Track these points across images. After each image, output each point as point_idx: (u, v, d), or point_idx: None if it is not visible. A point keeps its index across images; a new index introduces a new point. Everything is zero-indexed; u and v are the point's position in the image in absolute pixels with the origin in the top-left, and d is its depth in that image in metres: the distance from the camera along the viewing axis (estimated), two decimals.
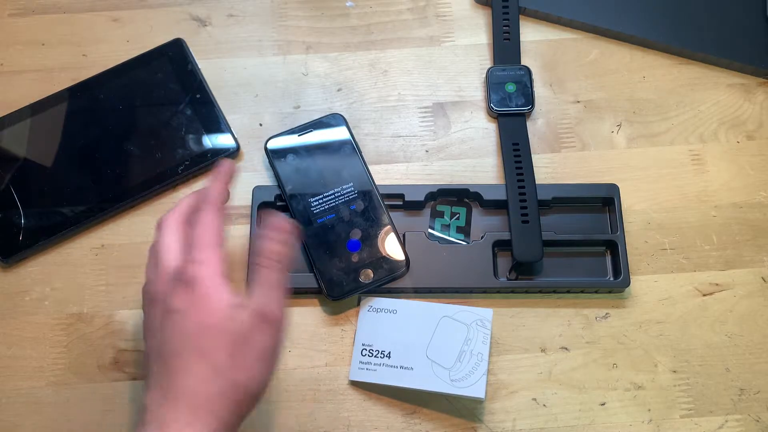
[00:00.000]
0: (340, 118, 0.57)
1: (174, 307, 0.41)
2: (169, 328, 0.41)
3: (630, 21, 0.62)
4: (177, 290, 0.42)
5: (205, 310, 0.41)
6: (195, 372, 0.40)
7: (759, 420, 0.50)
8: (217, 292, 0.42)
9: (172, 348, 0.41)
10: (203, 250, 0.43)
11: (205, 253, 0.43)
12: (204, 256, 0.43)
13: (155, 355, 0.42)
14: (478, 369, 0.49)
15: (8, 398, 0.51)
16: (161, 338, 0.42)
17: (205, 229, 0.44)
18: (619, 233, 0.54)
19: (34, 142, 0.57)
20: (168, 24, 0.63)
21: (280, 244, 0.44)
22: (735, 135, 0.59)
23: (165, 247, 0.44)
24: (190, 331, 0.41)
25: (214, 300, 0.42)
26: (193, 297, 0.41)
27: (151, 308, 0.43)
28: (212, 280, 0.42)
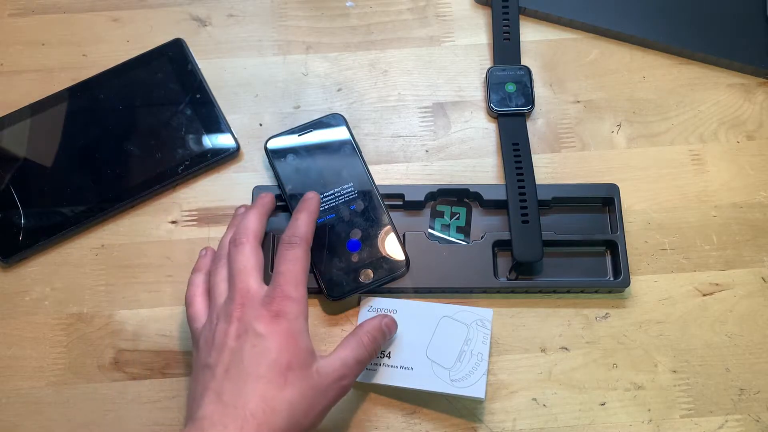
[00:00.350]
0: (340, 118, 0.57)
1: (258, 330, 0.43)
2: (248, 348, 0.42)
3: (630, 21, 0.62)
4: (264, 317, 0.43)
5: (293, 346, 0.43)
6: (268, 399, 0.41)
7: (759, 420, 0.50)
8: (303, 334, 0.44)
9: (250, 370, 0.42)
10: (296, 287, 0.45)
11: (297, 291, 0.45)
12: (296, 293, 0.44)
13: (222, 370, 0.42)
14: (478, 369, 0.49)
15: (8, 398, 0.51)
16: (235, 356, 0.42)
17: (298, 265, 0.46)
18: (619, 233, 0.54)
19: (34, 142, 0.57)
20: (168, 24, 0.63)
21: (383, 336, 0.48)
22: (735, 135, 0.59)
23: (246, 266, 0.46)
24: (276, 360, 0.42)
25: (301, 341, 0.43)
26: (280, 329, 0.43)
27: (225, 323, 0.44)
28: (299, 320, 0.44)
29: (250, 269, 0.46)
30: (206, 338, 0.45)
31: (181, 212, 0.57)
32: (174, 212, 0.57)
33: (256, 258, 0.47)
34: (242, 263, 0.46)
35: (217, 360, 0.43)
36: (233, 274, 0.46)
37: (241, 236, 0.47)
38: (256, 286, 0.45)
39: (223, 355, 0.43)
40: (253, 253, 0.47)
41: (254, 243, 0.47)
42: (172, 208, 0.57)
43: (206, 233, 0.56)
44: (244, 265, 0.46)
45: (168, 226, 0.56)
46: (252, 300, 0.44)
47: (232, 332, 0.43)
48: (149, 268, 0.55)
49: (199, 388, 0.42)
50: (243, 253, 0.46)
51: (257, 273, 0.46)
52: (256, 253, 0.47)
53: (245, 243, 0.47)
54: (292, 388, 0.42)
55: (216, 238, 0.55)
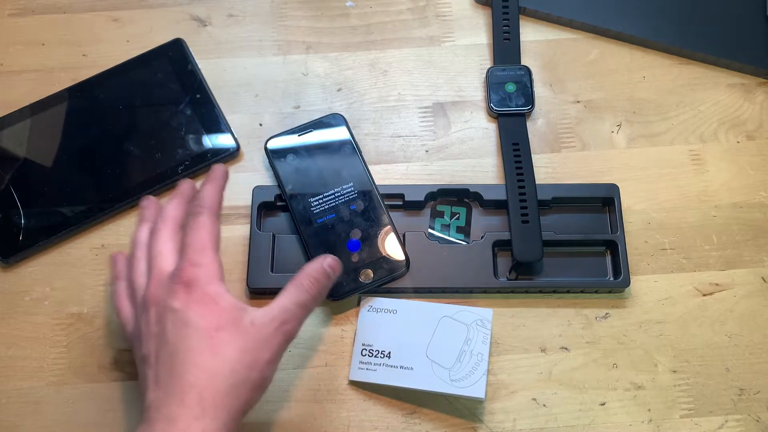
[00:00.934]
0: (340, 118, 0.57)
1: (174, 306, 0.41)
2: (170, 328, 0.41)
3: (630, 21, 0.62)
4: (176, 291, 0.42)
5: (214, 309, 0.42)
6: (205, 367, 0.40)
7: (759, 420, 0.50)
8: (221, 294, 0.42)
9: (177, 346, 0.41)
10: (201, 254, 0.43)
11: (204, 257, 0.43)
12: (203, 259, 0.43)
13: (153, 357, 0.41)
14: (478, 369, 0.49)
15: (8, 398, 0.51)
16: (160, 340, 0.41)
17: (202, 233, 0.44)
18: (619, 233, 0.54)
19: (34, 142, 0.57)
20: (168, 24, 0.63)
21: (325, 276, 0.46)
22: (735, 135, 0.59)
23: (159, 251, 0.44)
24: (200, 326, 0.41)
25: (221, 301, 0.42)
26: (195, 297, 0.42)
27: (144, 312, 0.43)
28: (211, 283, 0.42)
29: (165, 252, 0.44)
30: (136, 335, 0.44)
31: None
32: None
33: (173, 241, 0.45)
34: (157, 249, 0.45)
35: (148, 349, 0.42)
36: (150, 263, 0.45)
37: (158, 224, 0.46)
38: (169, 266, 0.44)
39: (151, 343, 0.42)
40: (169, 237, 0.45)
41: (171, 227, 0.46)
42: None
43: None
44: (159, 250, 0.45)
45: None
46: (162, 280, 0.43)
47: (153, 318, 0.42)
48: None
49: (141, 383, 0.42)
50: (158, 239, 0.45)
51: (173, 255, 0.44)
52: (172, 237, 0.45)
53: (161, 229, 0.45)
54: (226, 346, 0.41)
55: None
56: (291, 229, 0.55)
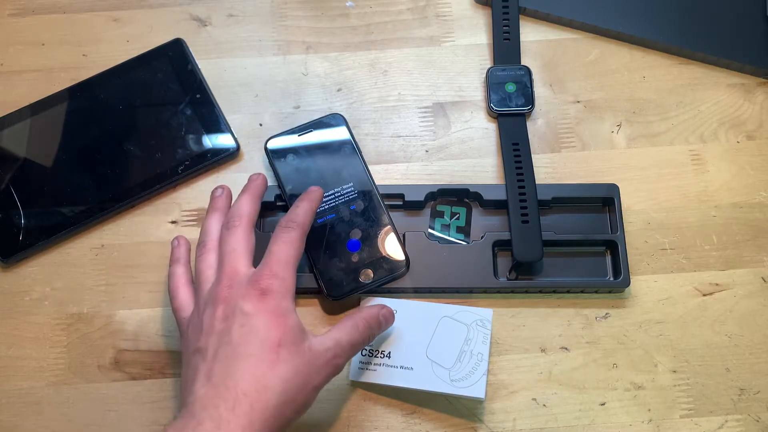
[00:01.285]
0: (340, 118, 0.57)
1: (245, 309, 0.42)
2: (236, 329, 0.42)
3: (630, 21, 0.62)
4: (250, 295, 0.42)
5: (282, 324, 0.42)
6: (260, 379, 0.40)
7: (759, 420, 0.50)
8: (291, 312, 0.43)
9: (239, 350, 0.41)
10: (284, 268, 0.44)
11: (285, 271, 0.44)
12: (283, 272, 0.44)
13: (211, 353, 0.41)
14: (478, 369, 0.49)
15: (8, 398, 0.51)
16: (223, 338, 0.42)
17: (289, 247, 0.45)
18: (619, 233, 0.54)
19: (34, 142, 0.57)
20: (168, 24, 0.63)
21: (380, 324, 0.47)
22: (735, 135, 0.59)
23: (232, 249, 0.45)
24: (266, 337, 0.41)
25: (289, 318, 0.43)
26: (267, 307, 0.42)
27: (210, 306, 0.43)
28: (286, 299, 0.43)
29: (240, 252, 0.45)
30: (194, 325, 0.44)
31: (181, 212, 0.57)
32: (174, 212, 0.57)
33: (247, 241, 0.46)
34: (232, 246, 0.45)
35: (207, 344, 0.42)
36: (222, 257, 0.45)
37: (234, 219, 0.47)
38: (244, 268, 0.44)
39: (212, 338, 0.42)
40: (245, 236, 0.46)
41: (246, 226, 0.47)
42: (172, 208, 0.57)
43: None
44: (234, 248, 0.45)
45: (168, 226, 0.56)
46: (239, 281, 0.44)
47: (219, 314, 0.43)
48: (149, 268, 0.55)
49: (190, 374, 0.42)
50: (234, 235, 0.46)
51: (247, 256, 0.45)
52: (247, 237, 0.46)
53: (237, 226, 0.46)
54: (284, 364, 0.41)
55: None
56: None
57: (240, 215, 0.47)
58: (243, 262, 0.45)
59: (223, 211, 0.50)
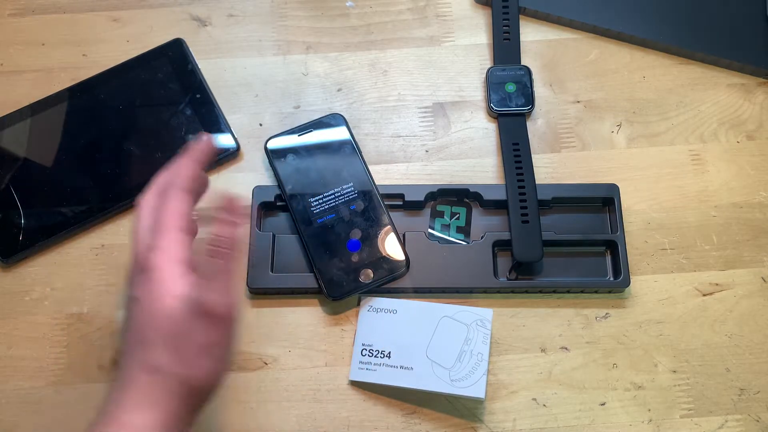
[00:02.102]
0: (340, 118, 0.57)
1: (133, 294, 0.40)
2: (129, 316, 0.40)
3: (630, 21, 0.62)
4: (137, 278, 0.40)
5: (156, 301, 0.39)
6: (141, 363, 0.39)
7: (759, 420, 0.50)
8: (171, 282, 0.39)
9: (129, 337, 0.40)
10: (164, 236, 0.40)
11: (166, 239, 0.40)
12: (164, 242, 0.40)
13: (123, 339, 0.41)
14: (478, 369, 0.49)
15: (8, 398, 0.51)
16: (126, 325, 0.41)
17: (167, 213, 0.41)
18: (619, 233, 0.54)
19: (34, 142, 0.57)
20: (168, 24, 0.63)
21: (232, 227, 0.42)
22: (735, 135, 0.59)
23: (136, 230, 0.42)
24: (141, 322, 0.39)
25: (165, 290, 0.39)
26: (150, 285, 0.40)
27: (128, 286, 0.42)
28: (169, 269, 0.40)
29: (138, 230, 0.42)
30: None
31: None
32: None
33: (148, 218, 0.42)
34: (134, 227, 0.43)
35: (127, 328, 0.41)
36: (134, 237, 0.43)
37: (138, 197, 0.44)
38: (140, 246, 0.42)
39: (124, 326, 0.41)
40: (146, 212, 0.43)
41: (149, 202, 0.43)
42: None
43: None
44: (134, 229, 0.42)
45: None
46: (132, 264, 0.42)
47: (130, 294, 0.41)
48: None
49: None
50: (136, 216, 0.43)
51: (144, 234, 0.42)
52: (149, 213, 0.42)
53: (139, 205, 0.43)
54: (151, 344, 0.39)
55: None
56: (291, 229, 0.55)
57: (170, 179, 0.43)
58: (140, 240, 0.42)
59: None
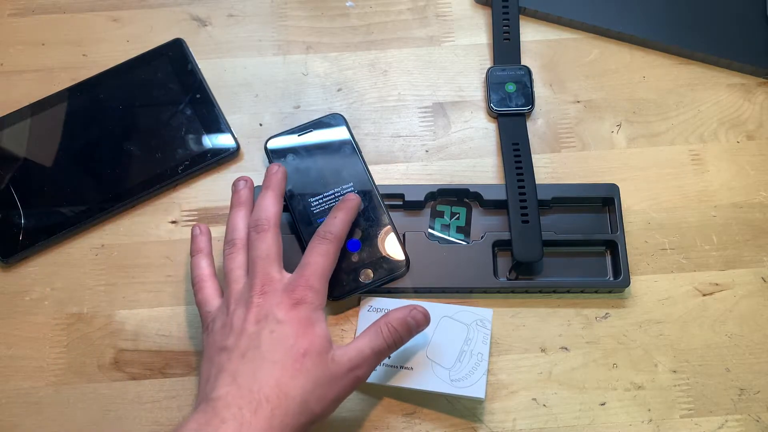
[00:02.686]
0: (340, 118, 0.57)
1: (278, 316, 0.43)
2: (266, 334, 0.43)
3: (630, 21, 0.62)
4: (285, 303, 0.44)
5: (311, 335, 0.43)
6: (282, 386, 0.41)
7: (759, 420, 0.50)
8: (321, 324, 0.44)
9: (266, 355, 0.42)
10: (318, 279, 0.45)
11: (319, 283, 0.45)
12: (318, 284, 0.45)
13: (239, 353, 0.42)
14: (478, 369, 0.49)
15: (8, 398, 0.51)
16: (253, 341, 0.43)
17: (325, 260, 0.46)
18: (619, 233, 0.54)
19: (34, 142, 0.57)
20: (168, 24, 0.63)
21: (407, 329, 0.46)
22: (735, 135, 0.59)
23: (269, 254, 0.46)
24: (293, 347, 0.42)
25: (319, 330, 0.44)
26: (300, 318, 0.43)
27: (243, 307, 0.44)
28: (318, 311, 0.45)
29: (273, 257, 0.46)
30: (223, 322, 0.45)
31: (181, 212, 0.57)
32: (174, 212, 0.57)
33: (278, 245, 0.47)
34: (264, 251, 0.46)
35: (235, 344, 0.43)
36: (254, 261, 0.46)
37: (263, 222, 0.47)
38: (277, 274, 0.46)
39: (242, 340, 0.43)
40: (275, 240, 0.47)
41: (276, 229, 0.48)
42: (172, 208, 0.57)
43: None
44: (267, 253, 0.46)
45: (168, 226, 0.56)
46: (273, 287, 0.45)
47: (252, 318, 0.44)
48: (149, 268, 0.55)
49: (214, 370, 0.43)
50: (265, 240, 0.47)
51: (279, 260, 0.47)
52: (277, 240, 0.47)
53: (267, 230, 0.47)
54: (306, 374, 0.42)
55: (217, 237, 0.55)
56: (291, 228, 0.55)
57: (268, 218, 0.48)
58: (276, 268, 0.46)
59: (248, 205, 0.50)
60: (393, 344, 0.46)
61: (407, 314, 0.46)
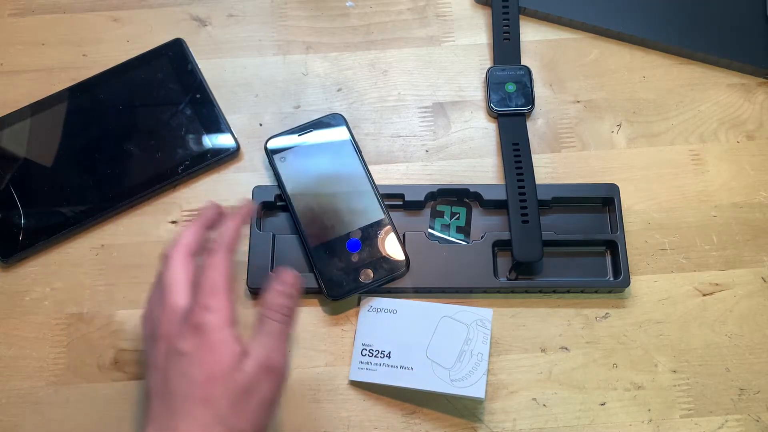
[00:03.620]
0: (340, 117, 0.57)
1: (181, 349, 0.41)
2: (174, 369, 0.41)
3: (630, 21, 0.62)
4: (185, 334, 0.41)
5: (213, 358, 0.41)
6: (197, 417, 0.40)
7: (759, 420, 0.50)
8: (226, 342, 0.42)
9: (176, 390, 0.41)
10: (214, 296, 0.42)
11: (216, 300, 0.42)
12: (214, 302, 0.42)
13: (157, 392, 0.41)
14: (478, 369, 0.49)
15: (8, 398, 0.51)
16: (164, 377, 0.41)
17: (216, 273, 0.43)
18: (619, 233, 0.54)
19: (34, 142, 0.57)
20: (168, 24, 0.63)
21: (286, 298, 0.44)
22: (735, 135, 0.59)
23: (172, 282, 0.44)
24: (195, 377, 0.41)
25: (222, 350, 0.41)
26: (201, 343, 0.41)
27: (154, 343, 0.43)
28: (221, 329, 0.42)
29: (177, 284, 0.43)
30: (143, 360, 0.44)
31: (181, 212, 0.57)
32: (174, 212, 0.57)
33: (186, 272, 0.44)
34: (169, 279, 0.44)
35: (154, 382, 0.42)
36: (163, 292, 0.44)
37: (170, 250, 0.45)
38: (182, 301, 0.43)
39: (157, 377, 0.42)
40: (182, 267, 0.44)
41: (184, 255, 0.45)
42: (172, 208, 0.57)
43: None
44: (171, 281, 0.44)
45: (168, 226, 0.56)
46: (175, 317, 0.42)
47: (161, 353, 0.42)
48: (149, 268, 0.55)
49: (145, 416, 0.42)
50: (169, 268, 0.44)
51: (185, 287, 0.43)
52: (185, 267, 0.44)
53: (173, 257, 0.44)
54: (218, 399, 0.40)
55: None
56: (291, 228, 0.55)
57: (175, 244, 0.45)
58: (180, 295, 0.43)
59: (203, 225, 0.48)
60: (283, 317, 0.44)
61: (274, 289, 0.44)
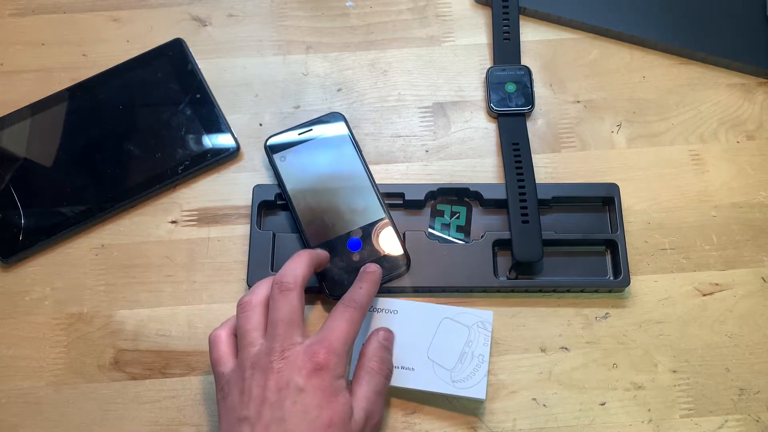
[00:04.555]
0: (340, 117, 0.57)
1: (300, 385, 0.41)
2: (288, 405, 0.41)
3: (630, 21, 0.62)
4: (306, 370, 0.42)
5: (331, 402, 0.42)
6: None
7: (759, 420, 0.50)
8: (341, 390, 0.43)
9: (291, 427, 0.41)
10: (342, 346, 0.44)
11: (342, 350, 0.43)
12: (340, 351, 0.43)
13: (262, 425, 0.41)
14: (479, 371, 0.49)
15: (8, 398, 0.51)
16: (275, 412, 0.41)
17: (348, 327, 0.44)
18: (619, 233, 0.54)
19: (34, 142, 0.57)
20: (168, 24, 0.63)
21: (389, 352, 0.47)
22: (735, 135, 0.59)
23: (287, 317, 0.44)
24: (312, 414, 0.41)
25: (342, 399, 0.42)
26: (319, 383, 0.42)
27: (260, 373, 0.42)
28: (340, 377, 0.43)
29: (296, 320, 0.44)
30: (240, 389, 0.43)
31: (181, 212, 0.57)
32: (174, 212, 0.57)
33: (302, 308, 0.45)
34: (287, 313, 0.44)
35: (258, 414, 0.41)
36: (275, 323, 0.44)
37: (289, 281, 0.45)
38: (299, 338, 0.43)
39: (263, 410, 0.41)
40: (300, 302, 0.45)
41: (301, 291, 0.45)
42: (172, 208, 0.57)
43: (206, 233, 0.56)
44: (290, 316, 0.44)
45: (168, 226, 0.56)
46: (295, 351, 0.43)
47: (272, 385, 0.42)
48: (149, 268, 0.55)
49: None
50: (290, 301, 0.44)
51: (302, 326, 0.44)
52: (301, 303, 0.45)
53: (293, 290, 0.45)
54: None
55: (216, 238, 0.55)
56: (291, 227, 0.55)
57: (295, 278, 0.45)
58: (298, 333, 0.44)
59: None
60: (388, 374, 0.46)
61: (379, 342, 0.47)
